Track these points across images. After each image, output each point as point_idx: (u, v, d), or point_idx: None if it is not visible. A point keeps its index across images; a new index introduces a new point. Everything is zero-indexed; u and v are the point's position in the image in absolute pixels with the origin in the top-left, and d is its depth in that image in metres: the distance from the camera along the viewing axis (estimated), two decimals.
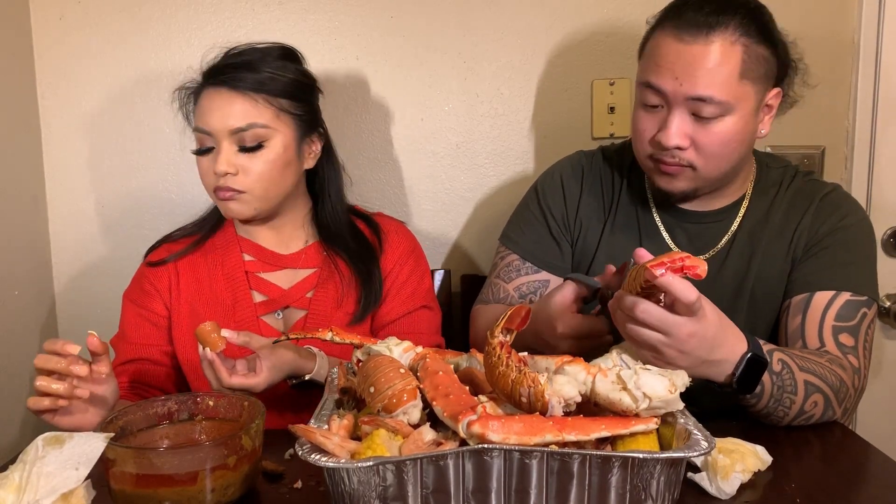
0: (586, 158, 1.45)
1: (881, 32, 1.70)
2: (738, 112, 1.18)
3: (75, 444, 0.89)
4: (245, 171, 1.27)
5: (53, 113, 1.69)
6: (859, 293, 1.23)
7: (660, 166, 1.24)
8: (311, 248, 1.39)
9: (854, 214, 1.30)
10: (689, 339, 0.97)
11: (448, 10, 1.70)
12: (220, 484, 0.91)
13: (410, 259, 1.41)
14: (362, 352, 1.01)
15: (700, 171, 1.22)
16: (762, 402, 1.11)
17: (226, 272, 1.36)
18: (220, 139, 1.26)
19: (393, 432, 0.83)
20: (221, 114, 1.26)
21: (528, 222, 1.43)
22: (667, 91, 1.18)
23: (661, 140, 1.20)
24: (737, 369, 1.03)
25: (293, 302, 1.36)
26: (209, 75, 1.30)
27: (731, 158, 1.23)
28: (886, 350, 1.80)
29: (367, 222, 1.43)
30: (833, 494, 0.96)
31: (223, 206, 1.31)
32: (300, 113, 1.32)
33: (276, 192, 1.31)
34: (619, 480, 0.79)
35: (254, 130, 1.26)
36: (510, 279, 1.41)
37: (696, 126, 1.19)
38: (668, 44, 1.19)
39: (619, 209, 1.39)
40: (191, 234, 1.41)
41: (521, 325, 0.89)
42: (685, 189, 1.25)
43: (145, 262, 1.40)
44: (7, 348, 1.53)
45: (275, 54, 1.31)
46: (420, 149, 1.75)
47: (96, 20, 1.67)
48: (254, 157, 1.27)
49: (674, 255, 0.92)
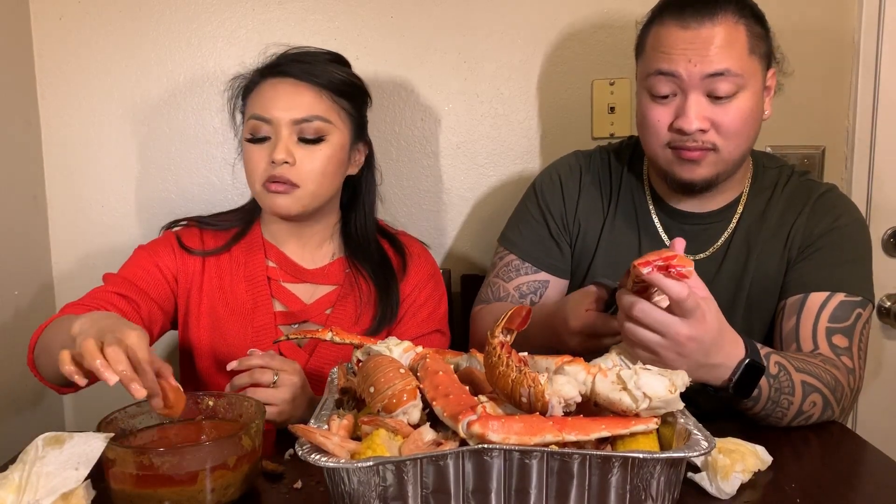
0: (584, 158, 1.45)
1: (881, 32, 1.69)
2: (750, 88, 1.20)
3: (75, 444, 0.89)
4: (301, 163, 1.27)
5: (53, 113, 1.69)
6: (854, 294, 1.23)
7: (681, 153, 1.23)
8: (335, 263, 1.39)
9: (848, 215, 1.30)
10: (687, 342, 0.97)
11: (448, 10, 1.70)
12: (220, 484, 0.91)
13: (430, 283, 1.41)
14: (362, 352, 1.01)
15: (722, 152, 1.22)
16: (758, 406, 1.11)
17: (248, 274, 1.35)
18: (280, 128, 1.26)
19: (393, 432, 0.83)
20: (286, 103, 1.27)
21: (526, 223, 1.43)
22: (681, 74, 1.18)
23: (681, 126, 1.20)
24: (734, 374, 1.04)
25: (312, 317, 1.35)
26: (272, 67, 1.31)
27: (750, 136, 1.24)
28: (886, 350, 1.80)
29: (392, 241, 1.44)
30: (833, 494, 0.96)
31: (271, 200, 1.29)
32: (355, 115, 1.34)
33: (325, 191, 1.31)
34: (619, 480, 0.79)
35: (316, 123, 1.27)
36: (510, 279, 1.41)
37: (714, 107, 1.19)
38: (673, 33, 1.19)
39: (617, 209, 1.39)
40: (225, 228, 1.40)
41: (522, 326, 0.89)
42: (707, 176, 1.24)
43: (177, 241, 1.36)
44: (7, 348, 1.53)
45: (332, 58, 1.34)
46: (420, 149, 1.75)
47: (96, 20, 1.66)
48: (312, 151, 1.27)
49: (663, 254, 0.92)
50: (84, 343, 0.90)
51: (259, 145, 1.28)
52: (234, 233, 1.39)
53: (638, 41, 1.29)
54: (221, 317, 1.33)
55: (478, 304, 1.46)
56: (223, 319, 1.33)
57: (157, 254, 1.35)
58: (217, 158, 1.72)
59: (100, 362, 0.88)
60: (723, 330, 1.02)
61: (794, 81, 1.35)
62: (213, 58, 1.69)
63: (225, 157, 1.72)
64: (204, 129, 1.71)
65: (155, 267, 1.33)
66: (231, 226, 1.40)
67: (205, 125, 1.71)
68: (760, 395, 1.09)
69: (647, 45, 1.25)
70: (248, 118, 1.30)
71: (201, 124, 1.71)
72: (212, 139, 1.72)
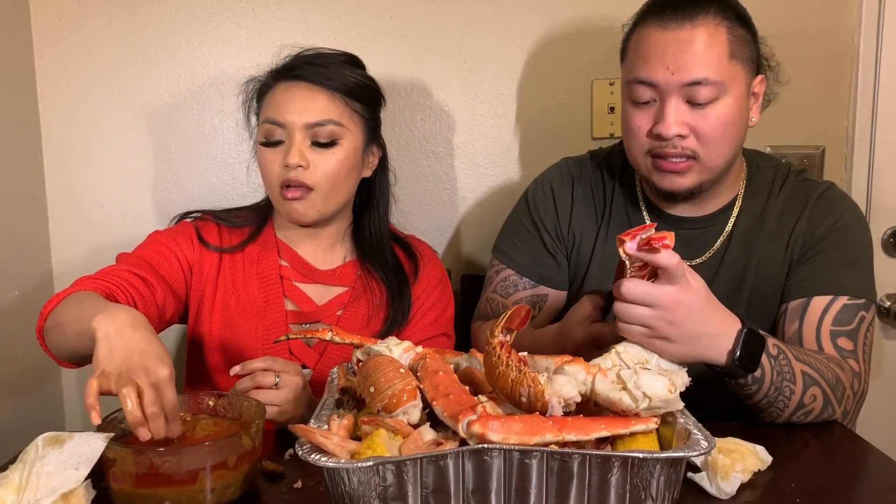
0: (575, 166, 1.43)
1: (881, 32, 1.69)
2: (731, 94, 1.18)
3: (75, 444, 0.89)
4: (315, 167, 1.27)
5: (53, 113, 1.69)
6: (857, 296, 1.22)
7: (660, 163, 1.21)
8: (347, 265, 1.39)
9: (850, 214, 1.28)
10: (675, 306, 0.96)
11: (448, 10, 1.70)
12: (220, 484, 0.91)
13: (439, 287, 1.42)
14: (362, 352, 1.01)
15: (703, 160, 1.20)
16: (763, 390, 1.09)
17: (261, 271, 1.36)
18: (294, 132, 1.27)
19: (393, 432, 0.83)
20: (299, 107, 1.27)
21: (521, 236, 1.42)
22: (659, 83, 1.17)
23: (660, 132, 1.19)
24: (736, 346, 1.02)
25: (324, 318, 1.35)
26: (286, 70, 1.32)
27: (733, 143, 1.22)
28: (886, 350, 1.80)
29: (402, 245, 1.44)
30: (833, 494, 0.96)
31: (287, 207, 1.29)
32: (368, 118, 1.34)
33: (339, 195, 1.31)
34: (619, 480, 0.79)
35: (329, 127, 1.28)
36: (508, 294, 1.41)
37: (693, 113, 1.18)
38: (653, 35, 1.18)
39: (611, 217, 1.37)
40: (239, 226, 1.39)
41: (521, 326, 0.89)
42: (690, 185, 1.23)
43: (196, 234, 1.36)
44: (7, 348, 1.53)
45: (346, 59, 1.34)
46: (420, 149, 1.75)
47: (96, 20, 1.66)
48: (326, 154, 1.28)
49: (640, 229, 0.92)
50: (124, 392, 0.89)
51: (273, 149, 1.29)
52: (250, 231, 1.39)
53: (622, 45, 1.28)
54: (233, 313, 1.34)
55: (477, 319, 1.46)
56: (235, 316, 1.33)
57: (175, 241, 1.34)
58: (217, 158, 1.72)
59: (142, 431, 0.89)
60: (711, 301, 1.01)
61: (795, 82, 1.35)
62: (214, 58, 1.69)
63: (225, 158, 1.72)
64: (204, 128, 1.71)
65: (172, 254, 1.33)
66: (245, 223, 1.40)
67: (205, 125, 1.71)
68: (763, 376, 1.08)
69: (629, 50, 1.24)
70: (263, 122, 1.31)
71: (201, 124, 1.71)
72: (212, 139, 1.72)
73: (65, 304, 1.13)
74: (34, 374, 1.61)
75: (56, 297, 1.15)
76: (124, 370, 0.92)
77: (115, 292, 1.20)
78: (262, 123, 1.31)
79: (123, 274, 1.24)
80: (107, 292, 1.18)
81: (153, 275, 1.27)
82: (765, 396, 1.10)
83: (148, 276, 1.26)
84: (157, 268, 1.29)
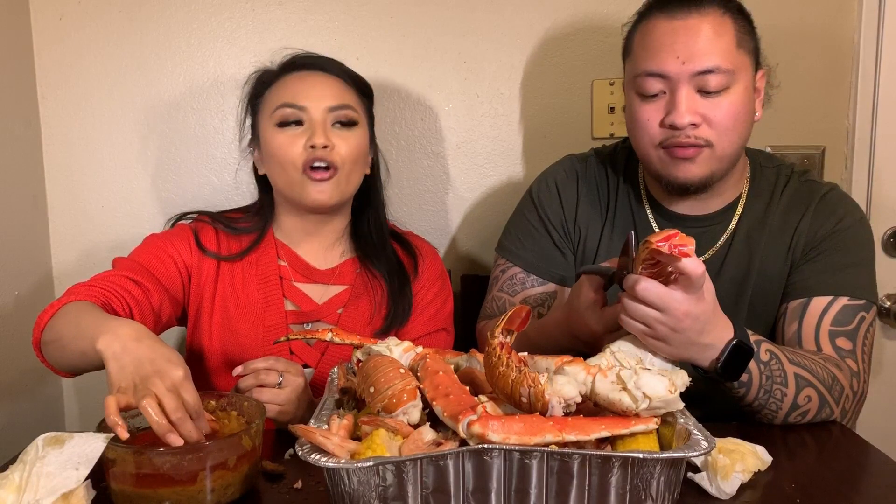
0: (579, 164, 1.43)
1: (881, 32, 1.69)
2: (741, 83, 1.19)
3: (75, 444, 0.89)
4: (339, 147, 1.29)
5: (53, 113, 1.69)
6: (857, 297, 1.22)
7: (674, 151, 1.21)
8: (346, 263, 1.39)
9: (852, 215, 1.29)
10: (684, 317, 0.96)
11: (448, 11, 1.70)
12: (220, 484, 0.91)
13: (438, 282, 1.42)
14: (362, 352, 1.01)
15: (716, 148, 1.20)
16: (752, 393, 1.10)
17: (260, 273, 1.35)
18: (315, 115, 1.29)
19: (393, 432, 0.83)
20: (319, 92, 1.30)
21: (527, 233, 1.42)
22: (669, 73, 1.18)
23: (673, 121, 1.18)
24: (721, 355, 1.03)
25: (324, 317, 1.35)
26: (295, 63, 1.35)
27: (742, 134, 1.22)
28: (886, 350, 1.80)
29: (401, 242, 1.44)
30: (833, 494, 0.96)
31: (312, 188, 1.28)
32: (370, 115, 1.39)
33: (354, 177, 1.33)
34: (619, 480, 0.79)
35: (347, 111, 1.31)
36: (515, 292, 1.40)
37: (705, 102, 1.19)
38: (660, 26, 1.19)
39: (615, 214, 1.37)
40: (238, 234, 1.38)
41: (522, 326, 0.89)
42: (702, 175, 1.22)
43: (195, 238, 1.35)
44: (7, 348, 1.53)
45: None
46: (420, 149, 1.75)
47: (96, 20, 1.66)
48: (347, 135, 1.31)
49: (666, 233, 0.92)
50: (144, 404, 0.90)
51: (291, 131, 1.29)
52: (250, 241, 1.37)
53: (625, 44, 1.28)
54: (233, 315, 1.33)
55: (482, 319, 1.45)
56: (234, 318, 1.33)
57: (172, 245, 1.33)
58: (217, 158, 1.72)
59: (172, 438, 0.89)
60: (716, 311, 1.02)
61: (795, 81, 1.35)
62: (213, 58, 1.69)
63: (225, 158, 1.72)
64: (204, 128, 1.71)
65: (169, 257, 1.32)
66: (244, 231, 1.38)
67: (205, 125, 1.71)
68: (751, 381, 1.08)
69: (634, 45, 1.25)
70: (276, 108, 1.30)
71: (201, 124, 1.71)
72: (211, 139, 1.72)
73: (61, 316, 1.12)
74: (34, 374, 1.61)
75: (51, 308, 1.14)
76: (139, 381, 0.93)
77: (111, 300, 1.20)
78: (275, 110, 1.30)
79: (118, 280, 1.23)
80: (102, 300, 1.18)
81: (149, 279, 1.27)
82: (755, 399, 1.11)
83: (144, 281, 1.26)
84: (153, 272, 1.29)
